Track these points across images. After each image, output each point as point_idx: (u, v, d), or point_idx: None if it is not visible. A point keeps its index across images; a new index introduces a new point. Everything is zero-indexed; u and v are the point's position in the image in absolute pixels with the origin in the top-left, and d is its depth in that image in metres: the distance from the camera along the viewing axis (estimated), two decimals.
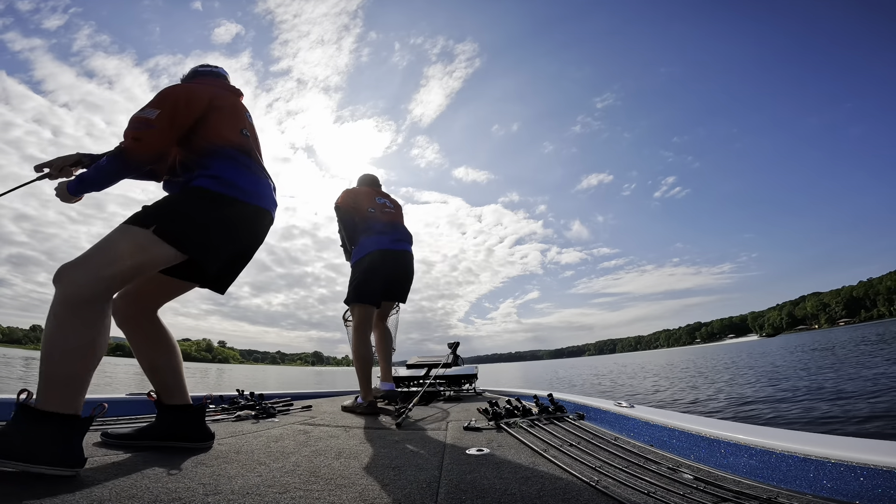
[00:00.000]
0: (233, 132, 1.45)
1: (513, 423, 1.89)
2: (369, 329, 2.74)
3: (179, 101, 1.34)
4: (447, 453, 1.42)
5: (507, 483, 1.08)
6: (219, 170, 1.37)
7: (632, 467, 1.19)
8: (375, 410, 2.51)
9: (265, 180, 1.51)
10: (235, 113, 1.50)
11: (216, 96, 1.45)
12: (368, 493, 1.00)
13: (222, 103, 1.46)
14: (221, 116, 1.43)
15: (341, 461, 1.32)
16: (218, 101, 1.44)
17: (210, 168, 1.36)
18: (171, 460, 1.24)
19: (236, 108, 1.52)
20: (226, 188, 1.36)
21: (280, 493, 0.98)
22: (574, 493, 0.99)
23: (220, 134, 1.41)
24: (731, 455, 1.20)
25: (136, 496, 0.91)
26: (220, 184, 1.35)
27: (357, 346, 2.66)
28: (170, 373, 1.46)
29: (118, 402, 2.14)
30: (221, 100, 1.46)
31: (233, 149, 1.42)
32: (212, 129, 1.40)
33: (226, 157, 1.39)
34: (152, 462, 1.20)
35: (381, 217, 2.86)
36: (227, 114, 1.46)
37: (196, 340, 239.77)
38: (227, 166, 1.38)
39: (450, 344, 4.35)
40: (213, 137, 1.40)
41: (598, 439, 1.55)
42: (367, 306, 2.69)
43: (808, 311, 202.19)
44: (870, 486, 0.88)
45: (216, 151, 1.39)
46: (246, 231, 1.44)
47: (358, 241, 2.79)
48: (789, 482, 1.02)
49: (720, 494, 0.96)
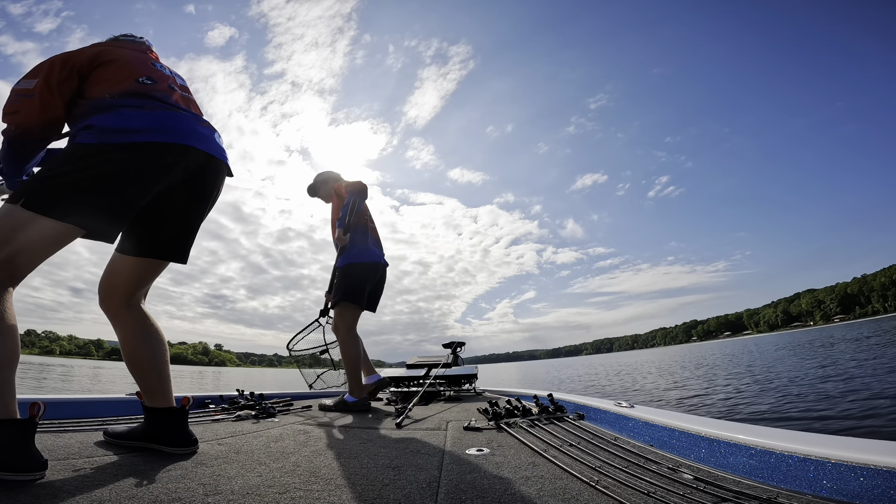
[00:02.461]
0: (124, 82, 1.30)
1: (513, 423, 1.88)
2: (355, 329, 2.80)
3: (55, 64, 1.22)
4: (447, 453, 1.42)
5: (507, 483, 1.08)
6: (96, 120, 1.21)
7: (632, 467, 1.19)
8: (370, 406, 2.57)
9: (181, 114, 1.34)
10: (129, 64, 1.34)
11: (103, 52, 1.31)
12: (368, 493, 1.00)
13: (111, 57, 1.31)
14: (108, 70, 1.29)
15: (341, 461, 1.32)
16: (105, 55, 1.30)
17: (87, 122, 1.21)
18: (172, 460, 1.23)
19: (132, 59, 1.37)
20: (107, 136, 1.19)
21: (280, 493, 0.98)
22: (574, 493, 0.99)
23: (105, 88, 1.27)
24: (731, 455, 1.20)
25: (135, 496, 0.91)
26: (95, 133, 1.19)
27: (350, 345, 2.69)
28: (152, 372, 1.36)
29: (119, 402, 2.14)
30: (109, 54, 1.32)
31: (121, 97, 1.27)
32: (94, 85, 1.27)
33: (109, 107, 1.24)
34: (152, 462, 1.20)
35: (374, 230, 3.00)
36: (116, 66, 1.31)
37: (192, 344, 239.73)
38: (110, 115, 1.23)
39: (445, 344, 4.35)
40: (94, 93, 1.26)
41: (598, 439, 1.55)
42: (357, 308, 2.76)
43: (804, 308, 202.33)
44: (870, 486, 0.88)
45: (97, 106, 1.24)
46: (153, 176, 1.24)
47: (349, 237, 2.80)
48: (789, 482, 1.02)
49: (720, 494, 0.96)
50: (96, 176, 1.15)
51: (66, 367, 32.10)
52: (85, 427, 1.66)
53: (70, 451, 1.26)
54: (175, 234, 1.40)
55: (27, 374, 17.01)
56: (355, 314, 2.75)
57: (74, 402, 1.96)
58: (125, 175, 1.19)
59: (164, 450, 1.32)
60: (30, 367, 21.26)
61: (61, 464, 1.12)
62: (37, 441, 1.02)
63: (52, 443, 1.33)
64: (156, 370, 1.37)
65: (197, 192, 1.38)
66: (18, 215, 1.08)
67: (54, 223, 1.11)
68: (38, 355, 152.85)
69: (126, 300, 1.38)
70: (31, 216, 1.09)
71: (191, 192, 1.37)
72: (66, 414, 1.86)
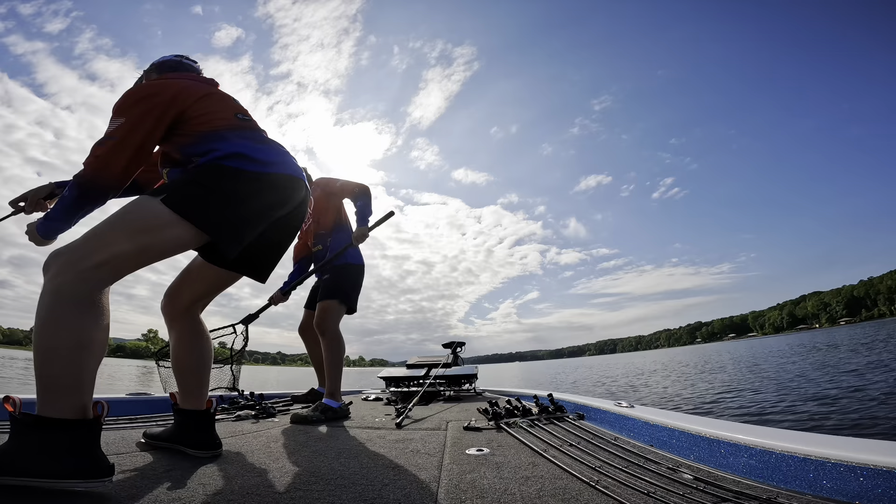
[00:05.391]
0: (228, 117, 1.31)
1: (513, 423, 1.89)
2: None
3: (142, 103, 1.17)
4: (447, 453, 1.42)
5: (507, 483, 1.08)
6: (227, 148, 1.22)
7: (632, 467, 1.19)
8: (349, 413, 2.50)
9: (284, 149, 1.37)
10: (224, 99, 1.36)
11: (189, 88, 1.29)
12: (368, 494, 1.00)
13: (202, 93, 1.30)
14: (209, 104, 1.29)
15: (341, 461, 1.32)
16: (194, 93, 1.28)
17: (217, 150, 1.21)
18: (172, 460, 1.24)
19: (223, 96, 1.38)
20: (240, 162, 1.21)
21: (280, 493, 0.98)
22: (574, 493, 0.99)
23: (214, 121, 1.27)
24: (731, 455, 1.20)
25: (135, 496, 0.91)
26: (232, 160, 1.20)
27: (341, 346, 2.58)
28: (191, 375, 1.40)
29: (119, 402, 2.15)
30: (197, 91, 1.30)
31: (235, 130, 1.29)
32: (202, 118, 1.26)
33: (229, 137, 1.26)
34: (153, 462, 1.20)
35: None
36: (215, 100, 1.32)
37: None
38: (235, 144, 1.24)
39: (445, 344, 4.35)
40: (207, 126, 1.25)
41: (598, 439, 1.54)
42: (345, 310, 2.67)
43: (809, 310, 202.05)
44: (870, 486, 0.87)
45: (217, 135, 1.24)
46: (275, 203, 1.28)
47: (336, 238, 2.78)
48: (789, 482, 1.02)
49: (720, 494, 0.96)
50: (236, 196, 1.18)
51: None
52: None
53: None
54: (267, 255, 1.43)
55: (30, 371, 17.02)
56: (342, 315, 2.67)
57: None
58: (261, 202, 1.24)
59: (188, 452, 1.32)
60: (32, 364, 21.26)
61: None
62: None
63: None
64: (198, 376, 1.40)
65: (296, 219, 1.43)
66: (157, 212, 1.07)
67: (191, 229, 1.11)
68: None
69: (189, 306, 1.41)
70: (172, 218, 1.08)
71: (292, 219, 1.41)
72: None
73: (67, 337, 0.93)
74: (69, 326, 0.94)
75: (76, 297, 0.95)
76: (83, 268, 0.97)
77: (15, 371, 14.75)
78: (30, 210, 1.39)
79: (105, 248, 1.00)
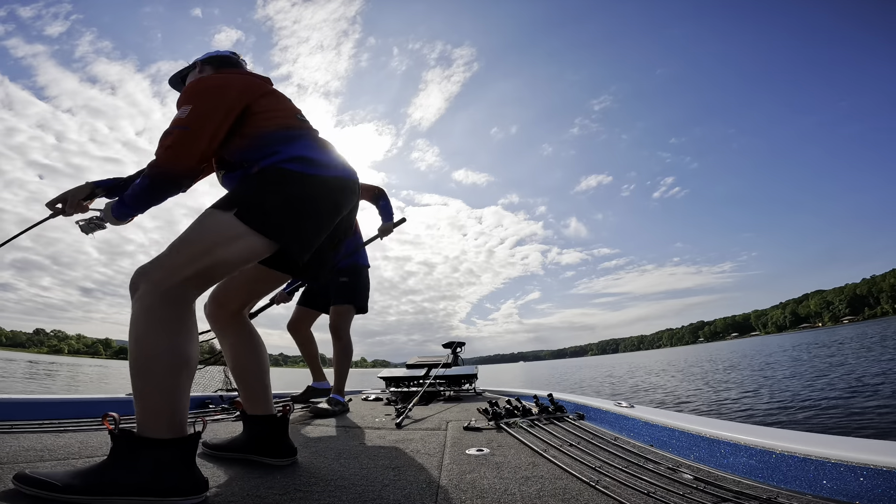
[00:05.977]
0: (289, 117, 1.30)
1: (513, 423, 1.88)
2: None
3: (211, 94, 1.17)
4: (447, 453, 1.43)
5: (507, 483, 1.08)
6: (291, 151, 1.21)
7: (632, 467, 1.19)
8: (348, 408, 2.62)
9: (337, 150, 1.36)
10: (284, 99, 1.35)
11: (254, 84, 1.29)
12: (368, 494, 1.00)
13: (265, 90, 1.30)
14: (272, 101, 1.29)
15: (341, 462, 1.32)
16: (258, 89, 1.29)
17: (280, 152, 1.20)
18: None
19: (282, 95, 1.37)
20: (302, 166, 1.19)
21: (280, 493, 0.98)
22: (574, 493, 0.99)
23: (277, 118, 1.26)
24: (731, 455, 1.20)
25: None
26: (295, 163, 1.19)
27: (352, 350, 2.72)
28: (255, 380, 1.35)
29: (119, 402, 2.15)
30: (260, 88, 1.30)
31: (295, 129, 1.28)
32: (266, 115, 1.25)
33: (291, 138, 1.24)
34: None
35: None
36: (276, 99, 1.31)
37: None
38: (297, 146, 1.23)
39: (445, 344, 4.35)
40: (271, 123, 1.24)
41: (598, 439, 1.54)
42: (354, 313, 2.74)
43: (812, 309, 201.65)
44: (870, 486, 0.87)
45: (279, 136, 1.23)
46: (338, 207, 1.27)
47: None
48: (789, 482, 1.02)
49: (720, 494, 0.96)
50: (303, 203, 1.16)
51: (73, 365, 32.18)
52: (84, 427, 1.67)
53: (70, 451, 1.26)
54: (324, 257, 1.39)
55: (38, 371, 17.08)
56: (352, 318, 2.75)
57: (75, 402, 1.97)
58: (326, 206, 1.22)
59: (265, 461, 1.27)
60: (34, 366, 21.41)
61: (61, 464, 1.12)
62: (36, 441, 1.02)
63: (52, 443, 1.33)
64: (261, 380, 1.36)
65: (350, 220, 1.40)
66: (231, 225, 1.07)
67: (263, 241, 1.10)
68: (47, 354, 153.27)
69: (239, 310, 1.38)
70: (246, 230, 1.07)
71: (346, 221, 1.38)
72: (66, 414, 1.86)
73: (163, 356, 0.94)
74: (164, 345, 0.95)
75: (167, 315, 0.97)
76: (170, 285, 0.99)
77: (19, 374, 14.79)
78: (70, 212, 1.37)
79: (188, 264, 1.01)
